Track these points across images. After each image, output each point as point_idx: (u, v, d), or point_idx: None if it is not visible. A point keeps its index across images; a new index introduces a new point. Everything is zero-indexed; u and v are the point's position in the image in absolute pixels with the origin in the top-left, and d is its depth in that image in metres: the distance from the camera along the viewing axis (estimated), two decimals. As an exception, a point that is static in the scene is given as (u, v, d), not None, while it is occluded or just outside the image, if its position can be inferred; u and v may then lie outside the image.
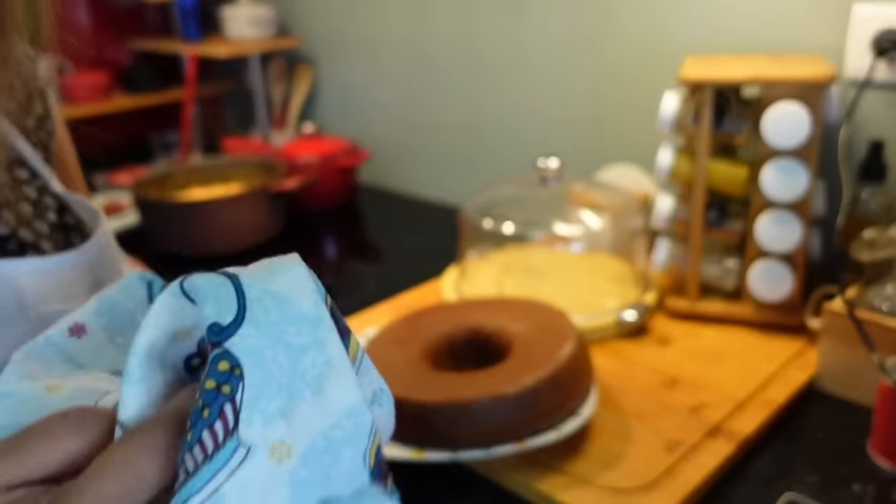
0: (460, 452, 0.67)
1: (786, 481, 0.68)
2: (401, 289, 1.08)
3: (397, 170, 1.59)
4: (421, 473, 0.71)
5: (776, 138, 0.84)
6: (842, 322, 0.77)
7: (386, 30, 1.52)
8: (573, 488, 0.66)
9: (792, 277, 0.89)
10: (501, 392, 0.67)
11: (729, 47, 1.06)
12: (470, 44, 1.38)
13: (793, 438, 0.74)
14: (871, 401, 0.73)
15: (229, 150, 1.64)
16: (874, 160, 0.91)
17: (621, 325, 0.92)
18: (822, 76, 0.82)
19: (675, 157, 0.94)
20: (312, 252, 1.30)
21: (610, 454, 0.70)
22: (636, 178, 1.18)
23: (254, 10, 1.63)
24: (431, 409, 0.68)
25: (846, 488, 0.67)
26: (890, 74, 0.93)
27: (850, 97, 0.96)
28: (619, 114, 1.22)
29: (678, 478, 0.67)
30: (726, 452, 0.70)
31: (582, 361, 0.74)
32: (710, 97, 0.87)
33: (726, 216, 0.94)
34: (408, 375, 0.73)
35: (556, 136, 1.32)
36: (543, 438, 0.68)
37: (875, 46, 0.91)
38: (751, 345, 0.89)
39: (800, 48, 1.00)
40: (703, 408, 0.77)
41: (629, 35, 1.17)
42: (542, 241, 1.20)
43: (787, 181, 0.85)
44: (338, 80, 1.67)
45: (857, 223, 0.92)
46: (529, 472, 0.68)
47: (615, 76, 1.21)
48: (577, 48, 1.24)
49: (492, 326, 0.81)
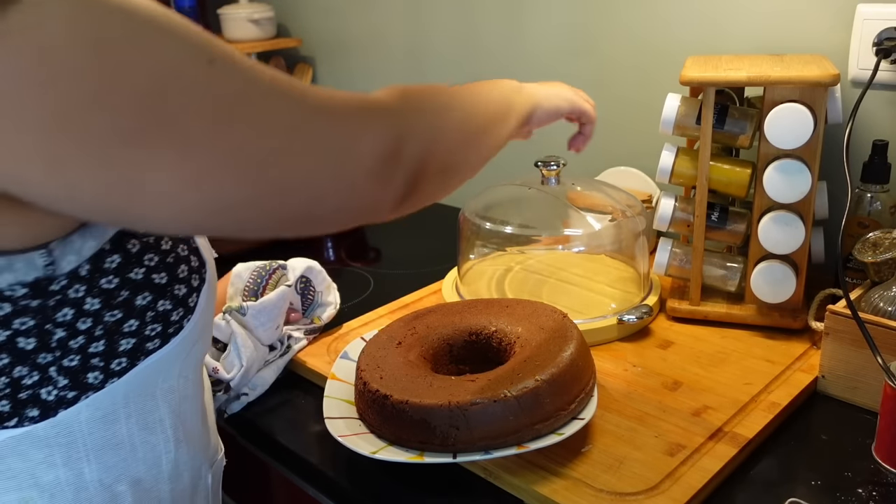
0: (460, 455, 0.67)
1: (789, 485, 0.68)
2: (400, 291, 1.08)
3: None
4: (421, 476, 0.71)
5: (779, 139, 0.84)
6: (845, 324, 0.77)
7: (385, 30, 1.51)
8: (574, 492, 0.66)
9: (795, 279, 0.89)
10: (502, 394, 0.67)
11: (731, 48, 1.06)
12: (469, 44, 1.38)
13: (796, 442, 0.74)
14: (875, 404, 0.72)
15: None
16: (877, 161, 0.91)
17: (623, 327, 0.91)
18: (825, 77, 0.82)
19: (677, 158, 0.94)
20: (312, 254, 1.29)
21: (611, 457, 0.70)
22: (638, 179, 1.17)
23: (253, 10, 1.62)
24: (431, 412, 0.67)
25: (850, 492, 0.66)
26: (893, 75, 0.92)
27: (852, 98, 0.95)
28: (621, 114, 1.21)
29: (680, 482, 0.66)
30: (729, 456, 0.69)
31: (583, 364, 0.73)
32: (712, 98, 0.87)
33: (728, 217, 0.94)
34: (408, 378, 0.72)
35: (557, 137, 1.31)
36: (544, 441, 0.67)
37: (878, 47, 0.91)
38: (753, 347, 0.89)
39: (802, 48, 1.00)
40: (705, 411, 0.76)
41: (630, 36, 1.16)
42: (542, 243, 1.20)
43: (789, 182, 0.85)
44: (337, 81, 1.66)
45: (860, 224, 0.92)
46: (530, 476, 0.68)
47: (616, 77, 1.20)
48: (578, 48, 1.23)
49: (492, 328, 0.80)
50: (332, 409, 0.75)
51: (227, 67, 0.42)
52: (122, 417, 0.52)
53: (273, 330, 0.87)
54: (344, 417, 0.74)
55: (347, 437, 0.70)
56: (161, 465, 0.57)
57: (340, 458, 0.74)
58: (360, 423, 0.73)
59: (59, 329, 0.48)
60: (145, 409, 0.54)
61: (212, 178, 0.42)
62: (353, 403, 0.76)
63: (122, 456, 0.53)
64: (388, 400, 0.69)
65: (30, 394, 0.48)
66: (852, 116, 0.83)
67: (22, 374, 0.47)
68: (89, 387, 0.50)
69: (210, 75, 0.41)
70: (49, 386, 0.48)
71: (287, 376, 0.89)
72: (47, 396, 0.48)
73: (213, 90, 0.41)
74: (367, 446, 0.69)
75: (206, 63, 0.41)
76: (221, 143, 0.41)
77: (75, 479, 0.51)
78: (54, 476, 0.50)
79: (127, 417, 0.52)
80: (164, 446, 0.56)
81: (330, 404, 0.76)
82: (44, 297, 0.47)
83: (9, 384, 0.47)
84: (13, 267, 0.45)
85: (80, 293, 0.48)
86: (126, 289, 0.50)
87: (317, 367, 0.88)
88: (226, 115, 0.42)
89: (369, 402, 0.72)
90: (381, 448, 0.69)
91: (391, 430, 0.70)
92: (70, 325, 0.48)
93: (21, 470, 0.49)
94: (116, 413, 0.52)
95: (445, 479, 0.70)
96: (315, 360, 0.89)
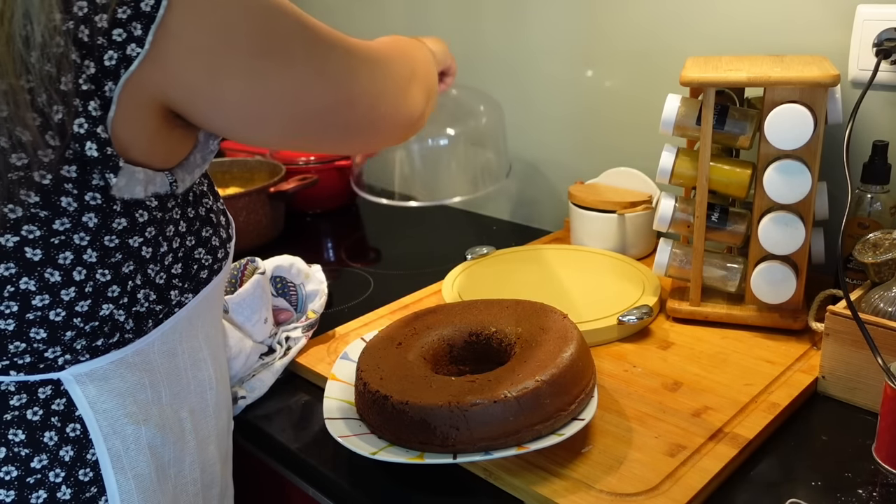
0: (460, 456, 0.67)
1: (789, 486, 0.68)
2: (401, 291, 1.08)
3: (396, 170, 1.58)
4: (421, 477, 0.71)
5: (779, 140, 0.84)
6: (845, 325, 0.77)
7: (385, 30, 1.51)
8: (574, 493, 0.66)
9: (795, 280, 0.89)
10: (502, 395, 0.67)
11: (731, 49, 1.06)
12: (470, 45, 1.38)
13: (796, 443, 0.74)
14: (875, 404, 0.72)
15: (229, 151, 1.63)
16: (877, 161, 0.91)
17: (623, 327, 0.91)
18: (825, 77, 0.82)
19: (677, 158, 0.94)
20: (312, 254, 1.29)
21: (611, 458, 0.70)
22: (638, 179, 1.18)
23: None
24: (431, 412, 0.67)
25: (850, 493, 0.66)
26: (893, 75, 0.92)
27: (852, 98, 0.95)
28: (621, 115, 1.21)
29: (680, 482, 0.66)
30: (729, 457, 0.69)
31: (583, 364, 0.73)
32: (712, 98, 0.87)
33: (729, 218, 0.94)
34: (408, 378, 0.72)
35: (558, 137, 1.31)
36: (544, 442, 0.67)
37: (878, 47, 0.91)
38: (753, 348, 0.89)
39: (802, 49, 1.00)
40: (705, 411, 0.76)
41: (630, 36, 1.16)
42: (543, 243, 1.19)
43: (789, 183, 0.85)
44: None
45: (860, 225, 0.92)
46: (530, 476, 0.68)
47: (616, 77, 1.20)
48: (578, 49, 1.23)
49: (492, 329, 0.80)
50: (332, 409, 0.75)
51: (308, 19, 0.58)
52: (179, 353, 0.62)
53: (262, 324, 0.87)
54: (344, 418, 0.74)
55: (347, 438, 0.70)
56: (207, 399, 0.66)
57: (340, 459, 0.74)
58: (361, 424, 0.73)
59: (164, 243, 0.58)
60: (193, 347, 0.64)
61: (308, 87, 0.57)
62: (353, 404, 0.76)
63: (183, 385, 0.63)
64: (388, 400, 0.69)
65: (133, 305, 0.57)
66: (852, 117, 0.83)
67: (136, 284, 0.57)
68: (170, 304, 0.60)
69: (302, 17, 0.57)
70: (147, 298, 0.58)
71: (287, 377, 0.89)
72: (140, 308, 0.58)
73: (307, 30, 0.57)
74: (367, 447, 0.69)
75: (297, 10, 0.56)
76: (314, 61, 0.57)
77: (157, 400, 0.61)
78: (145, 396, 0.60)
79: (182, 353, 0.62)
80: (208, 382, 0.66)
81: (330, 405, 0.76)
82: (163, 210, 0.57)
83: (129, 291, 0.56)
84: (154, 181, 0.55)
85: (178, 214, 0.59)
86: (198, 220, 0.62)
87: (317, 367, 0.88)
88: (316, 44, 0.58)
89: (369, 402, 0.72)
90: (381, 448, 0.69)
91: (391, 430, 0.70)
92: (170, 240, 0.59)
93: (124, 389, 0.58)
94: (175, 349, 0.62)
95: (445, 480, 0.70)
96: (315, 361, 0.89)
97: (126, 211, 0.54)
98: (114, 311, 0.56)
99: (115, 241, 0.54)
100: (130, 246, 0.55)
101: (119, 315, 0.56)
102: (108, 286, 0.55)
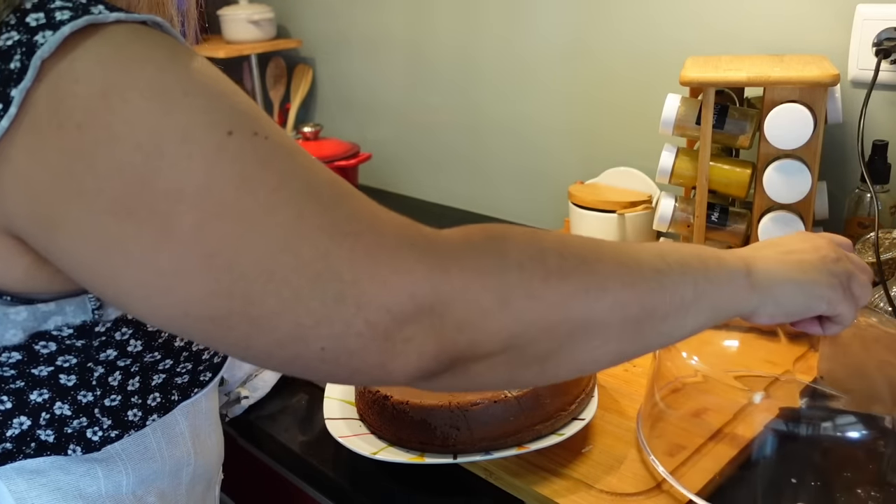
0: (460, 456, 0.67)
1: (789, 486, 0.67)
2: (400, 291, 1.07)
3: (396, 171, 1.58)
4: (421, 477, 0.71)
5: (778, 139, 0.84)
6: (845, 325, 0.76)
7: (385, 30, 1.51)
8: (574, 492, 0.66)
9: (794, 279, 0.88)
10: (502, 395, 0.67)
11: (731, 48, 1.06)
12: (469, 45, 1.38)
13: (796, 442, 0.74)
14: (875, 404, 0.72)
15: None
16: (877, 161, 0.91)
17: (623, 327, 0.91)
18: (825, 77, 0.82)
19: (677, 158, 0.94)
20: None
21: (611, 458, 0.70)
22: (638, 179, 1.17)
23: (253, 11, 1.62)
24: (432, 412, 0.67)
25: (850, 493, 0.66)
26: (893, 75, 0.92)
27: (852, 98, 0.95)
28: (621, 115, 1.21)
29: (680, 482, 0.66)
30: (729, 457, 0.69)
31: (583, 364, 0.73)
32: (712, 98, 0.87)
33: (729, 218, 0.94)
34: (407, 378, 0.72)
35: (558, 137, 1.31)
36: (544, 442, 0.67)
37: (878, 47, 0.91)
38: (753, 348, 0.88)
39: (802, 49, 1.00)
40: (705, 412, 0.76)
41: (630, 36, 1.16)
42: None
43: (789, 182, 0.85)
44: (337, 81, 1.66)
45: (860, 225, 0.92)
46: (530, 476, 0.68)
47: (616, 77, 1.20)
48: (578, 48, 1.23)
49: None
50: (332, 409, 0.75)
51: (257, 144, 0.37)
52: (149, 432, 0.54)
53: None
54: (344, 418, 0.74)
55: (348, 438, 0.70)
56: (181, 477, 0.58)
57: (341, 459, 0.74)
58: (361, 424, 0.73)
59: (99, 367, 0.49)
60: (168, 423, 0.55)
61: (181, 278, 0.36)
62: (353, 404, 0.76)
63: (153, 468, 0.55)
64: (388, 401, 0.69)
65: (76, 430, 0.49)
66: (861, 116, 0.83)
67: (64, 412, 0.49)
68: (131, 425, 0.52)
69: (223, 148, 0.36)
70: (95, 427, 0.50)
71: (287, 378, 0.89)
72: (92, 436, 0.50)
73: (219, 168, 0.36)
74: (367, 447, 0.69)
75: (223, 134, 0.36)
76: (203, 239, 0.36)
77: (114, 491, 0.53)
78: (95, 488, 0.51)
79: (153, 431, 0.54)
80: (185, 459, 0.58)
81: (330, 405, 0.76)
82: (89, 337, 0.47)
83: (50, 420, 0.48)
84: (64, 310, 0.46)
85: (126, 336, 0.49)
86: (160, 340, 0.51)
87: (317, 367, 0.88)
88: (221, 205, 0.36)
89: (369, 402, 0.72)
90: (381, 449, 0.69)
91: (391, 430, 0.70)
92: (111, 364, 0.49)
93: (66, 482, 0.50)
94: (144, 432, 0.53)
95: (446, 480, 0.70)
96: (315, 361, 0.89)
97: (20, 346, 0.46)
98: (39, 433, 0.49)
99: (10, 372, 0.46)
100: (36, 375, 0.47)
101: (47, 436, 0.49)
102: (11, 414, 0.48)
